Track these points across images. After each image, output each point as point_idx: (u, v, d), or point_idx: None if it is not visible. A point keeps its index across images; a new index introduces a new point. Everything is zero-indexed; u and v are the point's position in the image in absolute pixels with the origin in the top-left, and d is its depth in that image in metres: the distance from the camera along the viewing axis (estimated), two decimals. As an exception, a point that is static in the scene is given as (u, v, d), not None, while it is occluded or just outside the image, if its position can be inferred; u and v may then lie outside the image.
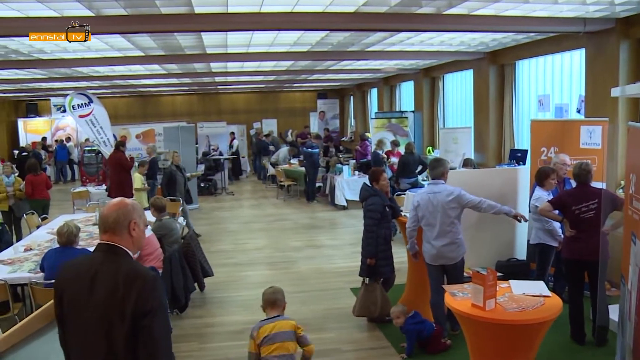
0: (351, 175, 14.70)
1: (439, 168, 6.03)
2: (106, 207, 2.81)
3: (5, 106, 25.57)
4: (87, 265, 2.73)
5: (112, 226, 2.72)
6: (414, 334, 5.86)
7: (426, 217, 5.91)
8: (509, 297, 4.50)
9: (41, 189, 11.35)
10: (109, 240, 2.73)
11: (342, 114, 27.08)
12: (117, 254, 2.71)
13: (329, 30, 8.86)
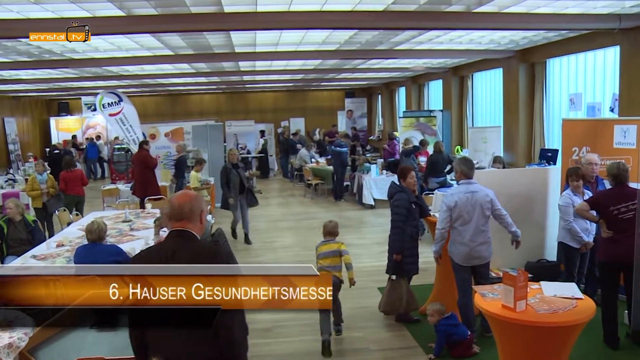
0: (379, 174, 14.65)
1: (474, 169, 5.98)
2: (179, 198, 3.18)
3: (38, 105, 26.06)
4: (164, 248, 3.11)
5: (187, 215, 3.08)
6: (444, 335, 5.80)
7: (463, 216, 5.80)
8: (540, 298, 4.44)
9: (75, 185, 11.55)
10: (182, 227, 3.07)
11: (369, 113, 26.99)
12: (190, 238, 3.08)
13: (357, 28, 8.84)
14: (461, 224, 5.83)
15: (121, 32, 8.28)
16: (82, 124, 25.59)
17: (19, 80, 16.02)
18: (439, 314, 5.92)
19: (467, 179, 5.91)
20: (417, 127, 16.95)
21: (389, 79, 21.83)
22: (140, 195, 12.10)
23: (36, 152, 22.58)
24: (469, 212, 5.79)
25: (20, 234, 8.08)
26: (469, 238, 5.81)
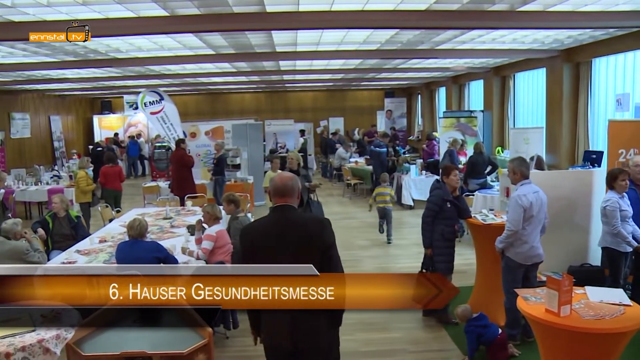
0: (418, 175, 14.54)
1: (529, 169, 5.95)
2: (282, 179, 3.80)
3: (82, 104, 26.66)
4: (274, 219, 3.77)
5: (290, 192, 3.75)
6: (474, 336, 5.72)
7: (534, 216, 5.75)
8: (585, 304, 4.33)
9: (114, 180, 12.03)
10: (285, 202, 3.74)
11: (409, 113, 26.81)
12: (294, 210, 3.78)
13: (399, 28, 8.79)
14: (529, 224, 5.76)
15: (164, 32, 8.40)
16: (124, 122, 26.06)
17: (64, 80, 16.38)
18: (466, 315, 5.87)
19: (526, 179, 5.86)
20: (457, 128, 16.77)
21: (429, 79, 21.66)
22: (178, 194, 12.26)
23: (80, 149, 23.07)
24: (537, 212, 5.76)
25: (64, 229, 8.27)
26: (532, 237, 5.79)
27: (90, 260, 6.90)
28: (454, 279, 7.20)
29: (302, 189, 6.82)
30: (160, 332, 3.96)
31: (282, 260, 3.60)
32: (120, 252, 6.25)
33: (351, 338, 5.74)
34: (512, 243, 5.82)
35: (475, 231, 6.92)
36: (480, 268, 6.94)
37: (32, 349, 3.15)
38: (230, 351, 6.14)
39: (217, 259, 6.38)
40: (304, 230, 3.69)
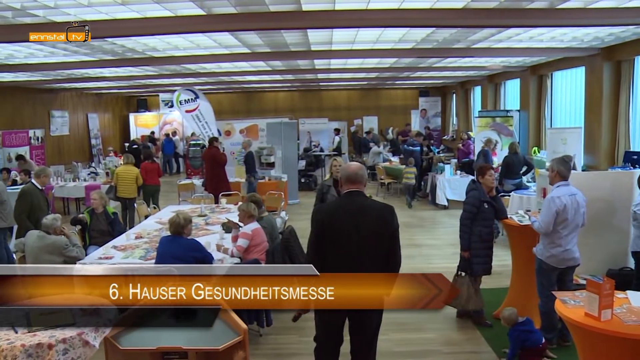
0: (453, 175, 14.41)
1: (570, 170, 5.83)
2: (353, 167, 4.33)
3: (119, 102, 27.10)
4: (348, 202, 4.24)
5: (360, 179, 4.26)
6: (518, 340, 5.63)
7: (568, 219, 5.61)
8: (628, 308, 4.22)
9: (153, 176, 12.43)
10: (357, 188, 4.24)
11: (444, 112, 26.60)
12: (364, 195, 4.30)
13: (435, 26, 8.72)
14: (564, 227, 5.64)
15: (201, 31, 8.47)
16: (159, 120, 26.38)
17: (102, 78, 16.66)
18: (512, 318, 5.74)
19: (564, 180, 5.73)
20: (493, 127, 16.56)
21: (465, 78, 21.46)
22: (212, 191, 12.37)
23: (116, 147, 23.45)
24: (572, 215, 5.62)
25: (102, 225, 8.39)
26: (568, 241, 5.67)
27: (126, 256, 7.00)
28: (489, 280, 7.15)
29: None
30: (195, 328, 4.01)
31: (356, 239, 4.12)
32: (163, 246, 6.33)
33: (385, 338, 5.69)
34: (548, 246, 5.73)
35: (512, 232, 6.83)
36: (515, 270, 6.84)
37: (72, 341, 3.21)
38: (264, 349, 6.16)
39: (252, 257, 6.42)
40: (376, 213, 4.23)
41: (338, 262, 4.16)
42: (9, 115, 17.64)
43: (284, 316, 7.13)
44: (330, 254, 4.19)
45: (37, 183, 8.82)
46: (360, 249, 4.14)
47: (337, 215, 4.21)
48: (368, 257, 4.16)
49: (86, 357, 3.33)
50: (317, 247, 4.23)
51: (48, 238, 6.82)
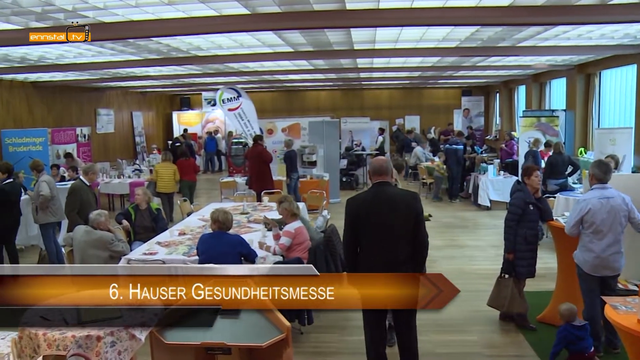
0: (496, 175, 14.22)
1: (610, 173, 5.63)
2: (379, 160, 4.91)
3: (162, 100, 27.53)
4: (378, 192, 4.74)
5: (386, 171, 4.78)
6: (564, 340, 5.47)
7: (596, 224, 5.42)
8: (682, 316, 4.10)
9: (188, 172, 13.20)
10: (384, 179, 4.77)
11: (486, 112, 26.22)
12: (392, 185, 4.91)
13: (480, 25, 8.60)
14: (594, 232, 5.46)
15: (245, 30, 8.53)
16: (202, 119, 26.71)
17: (147, 77, 16.94)
18: (567, 316, 5.52)
19: (601, 183, 5.54)
20: (537, 127, 16.24)
21: (509, 77, 21.11)
22: (256, 189, 12.46)
23: (159, 145, 23.83)
24: (604, 220, 5.41)
25: (146, 221, 8.53)
26: (602, 247, 5.44)
27: (170, 252, 7.10)
28: (533, 283, 7.03)
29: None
30: (239, 325, 4.04)
31: (389, 225, 4.65)
32: (204, 244, 6.39)
33: (425, 339, 5.67)
34: (582, 250, 5.59)
35: (557, 234, 6.68)
36: (561, 273, 6.70)
37: (120, 334, 3.28)
38: (304, 347, 6.19)
39: (295, 255, 6.44)
40: (404, 200, 4.74)
41: (373, 248, 4.70)
42: (58, 113, 18.11)
43: (325, 315, 7.15)
44: (366, 241, 4.72)
45: (85, 179, 9.02)
46: (393, 234, 4.68)
47: (371, 204, 4.71)
48: (399, 241, 4.69)
49: (132, 350, 3.40)
50: (352, 236, 4.75)
51: (95, 233, 6.98)
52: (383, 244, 4.71)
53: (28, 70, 13.22)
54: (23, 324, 3.37)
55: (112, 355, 3.26)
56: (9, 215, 9.10)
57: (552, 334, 5.78)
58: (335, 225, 8.18)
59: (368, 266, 4.69)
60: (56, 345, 3.17)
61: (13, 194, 9.14)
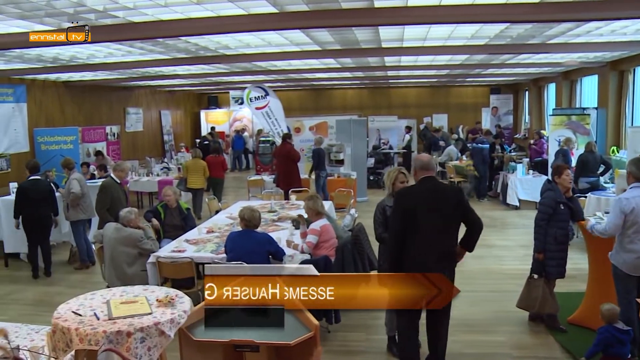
0: (525, 174, 14.06)
1: None
2: (426, 157, 5.35)
3: (190, 99, 27.76)
4: (427, 186, 5.08)
5: (432, 167, 5.22)
6: (603, 343, 5.30)
7: (638, 223, 5.32)
8: None
9: (217, 169, 13.56)
10: (430, 174, 5.15)
11: (515, 110, 25.91)
12: (437, 179, 5.33)
13: (510, 22, 8.49)
14: (635, 232, 5.35)
15: (273, 29, 8.54)
16: (229, 117, 26.89)
17: (175, 76, 17.09)
18: (609, 318, 5.34)
19: (639, 181, 5.44)
20: (568, 126, 15.99)
21: (538, 75, 20.83)
22: (284, 187, 12.51)
23: (187, 143, 24.02)
24: None
25: (175, 219, 8.61)
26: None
27: (198, 250, 7.16)
28: (563, 284, 6.93)
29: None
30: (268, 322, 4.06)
31: (439, 217, 4.98)
32: (232, 242, 6.43)
33: (453, 339, 5.62)
34: (620, 250, 5.49)
35: (588, 235, 6.57)
36: (592, 274, 6.60)
37: (149, 330, 3.32)
38: (332, 345, 6.19)
39: (322, 253, 6.45)
40: (451, 194, 5.22)
41: (427, 241, 4.94)
42: (88, 112, 18.37)
43: (352, 313, 7.14)
44: (418, 234, 4.93)
45: (115, 177, 9.15)
46: (443, 226, 5.01)
47: (423, 197, 4.99)
48: (450, 232, 5.09)
49: (162, 346, 3.43)
50: (402, 230, 4.94)
51: (124, 230, 7.06)
52: (436, 236, 4.99)
53: (60, 70, 13.42)
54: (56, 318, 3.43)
55: (142, 351, 3.30)
56: (32, 212, 9.28)
57: (583, 336, 5.71)
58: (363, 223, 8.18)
59: (421, 259, 4.92)
60: (88, 340, 3.22)
61: (33, 191, 9.28)
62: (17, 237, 9.91)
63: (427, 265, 4.84)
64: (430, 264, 4.88)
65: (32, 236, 9.39)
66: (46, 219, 9.42)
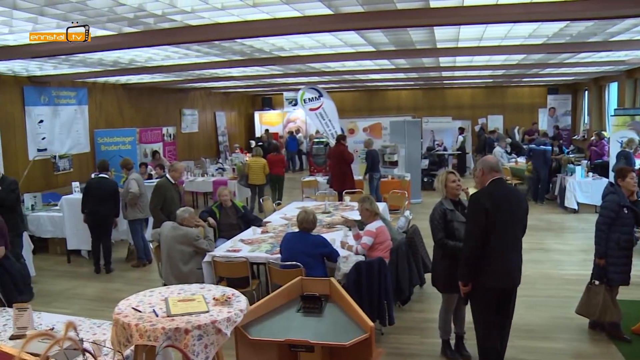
0: (584, 177, 13.67)
1: None
2: (494, 158, 5.19)
3: (244, 100, 28.11)
4: (501, 188, 4.93)
5: (500, 168, 5.04)
6: None
7: None
8: None
9: (277, 166, 14.48)
10: (500, 176, 4.96)
11: (574, 111, 25.21)
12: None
13: (571, 20, 8.26)
14: None
15: (328, 30, 8.55)
16: (283, 118, 27.10)
17: (230, 78, 17.30)
18: None
19: None
20: (631, 127, 15.46)
21: (599, 74, 20.20)
22: (337, 189, 12.52)
23: (241, 144, 24.32)
24: None
25: (231, 218, 8.73)
26: None
27: (253, 250, 7.24)
28: (627, 291, 6.72)
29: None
30: (323, 323, 4.06)
31: (515, 219, 4.93)
32: (287, 243, 6.49)
33: (510, 344, 5.49)
34: None
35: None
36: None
37: (206, 328, 3.36)
38: (385, 348, 6.13)
39: (377, 255, 6.42)
40: (521, 197, 5.23)
41: (504, 243, 4.86)
42: (146, 113, 18.82)
43: (406, 315, 7.10)
44: (498, 236, 4.79)
45: (170, 177, 9.34)
46: (518, 228, 4.99)
47: (500, 200, 4.85)
48: (520, 234, 5.07)
49: (218, 344, 3.47)
50: (482, 235, 4.77)
51: (180, 229, 7.20)
52: (513, 242, 4.98)
53: (119, 73, 13.79)
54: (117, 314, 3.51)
55: (199, 348, 3.35)
56: (94, 209, 9.67)
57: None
58: (417, 225, 8.11)
59: (503, 264, 4.89)
60: (147, 336, 3.29)
61: (96, 188, 9.67)
62: (79, 234, 10.28)
63: (511, 270, 4.96)
64: (514, 270, 5.00)
65: (94, 231, 9.74)
66: (106, 217, 9.74)
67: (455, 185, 5.71)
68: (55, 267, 10.27)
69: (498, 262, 4.83)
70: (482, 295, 4.98)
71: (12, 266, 5.54)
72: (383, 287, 6.15)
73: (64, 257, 10.63)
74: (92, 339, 3.88)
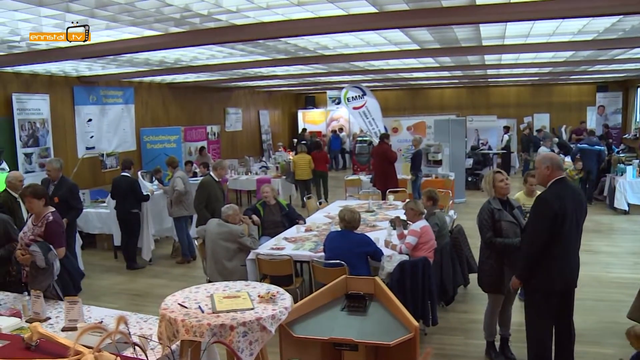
0: (636, 177, 13.30)
1: None
2: (558, 156, 4.93)
3: (288, 99, 28.23)
4: (568, 188, 4.79)
5: (562, 166, 4.86)
6: None
7: None
8: None
9: (321, 163, 15.22)
10: (564, 175, 4.81)
11: (625, 109, 24.52)
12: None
13: (623, 14, 8.01)
14: None
15: (373, 28, 8.49)
16: (326, 117, 27.13)
17: (274, 76, 17.39)
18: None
19: None
20: (684, 125, 15.02)
21: (652, 71, 19.63)
22: (380, 188, 12.47)
23: (285, 142, 24.43)
24: None
25: (275, 216, 8.78)
26: None
27: (296, 248, 7.27)
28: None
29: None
30: (367, 322, 4.05)
31: (578, 221, 4.80)
32: (331, 241, 6.50)
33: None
34: None
35: None
36: None
37: (251, 325, 3.38)
38: (428, 348, 6.08)
39: (421, 254, 6.37)
40: (583, 198, 5.05)
41: (567, 244, 4.77)
42: (191, 112, 19.08)
43: (450, 316, 7.03)
44: (562, 238, 4.69)
45: (214, 175, 9.45)
46: (579, 229, 4.85)
47: (567, 201, 4.68)
48: (580, 234, 4.91)
49: (262, 341, 3.48)
50: (546, 240, 4.67)
51: (226, 226, 7.28)
52: (575, 242, 4.90)
53: (165, 72, 14.01)
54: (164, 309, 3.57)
55: (243, 345, 3.37)
56: (117, 207, 9.99)
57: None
58: (462, 225, 8.02)
59: (567, 266, 4.86)
60: (193, 332, 3.32)
61: (116, 187, 9.95)
62: (125, 231, 10.48)
63: (572, 270, 4.95)
64: (574, 271, 4.99)
65: (121, 228, 10.07)
66: (125, 214, 9.88)
67: (504, 185, 5.61)
68: (102, 263, 10.51)
69: (560, 264, 4.79)
70: (540, 298, 4.94)
71: (70, 264, 5.71)
72: (427, 287, 6.10)
73: (111, 252, 10.87)
74: (138, 333, 3.95)
